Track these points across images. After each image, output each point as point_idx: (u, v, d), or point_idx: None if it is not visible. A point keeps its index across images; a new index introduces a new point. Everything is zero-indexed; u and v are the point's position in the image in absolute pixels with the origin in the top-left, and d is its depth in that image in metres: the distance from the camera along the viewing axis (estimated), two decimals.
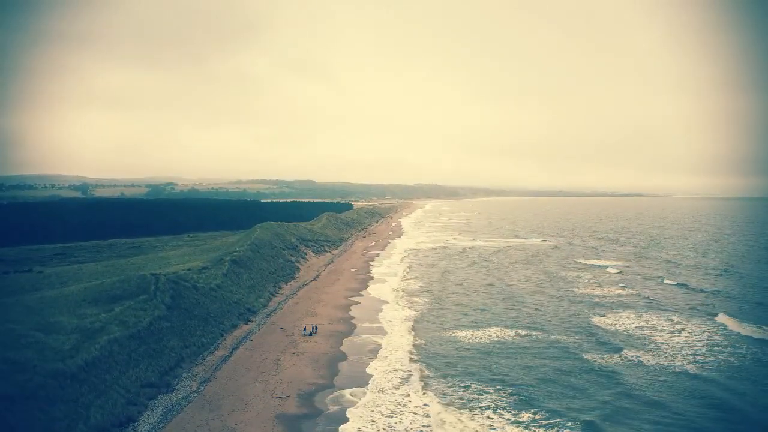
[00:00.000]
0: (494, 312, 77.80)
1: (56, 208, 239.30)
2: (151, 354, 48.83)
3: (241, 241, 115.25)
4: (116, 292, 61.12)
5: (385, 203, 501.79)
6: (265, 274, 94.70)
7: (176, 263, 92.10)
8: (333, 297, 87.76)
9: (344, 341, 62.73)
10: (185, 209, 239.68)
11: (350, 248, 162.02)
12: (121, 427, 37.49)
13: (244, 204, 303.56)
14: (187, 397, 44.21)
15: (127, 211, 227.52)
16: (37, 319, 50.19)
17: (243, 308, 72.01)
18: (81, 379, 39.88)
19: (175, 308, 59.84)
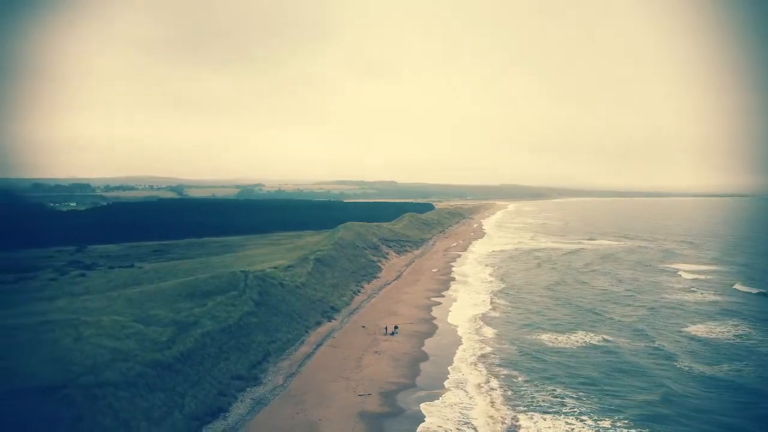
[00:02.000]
0: (578, 316, 75.42)
1: (154, 207, 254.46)
2: (240, 348, 50.95)
3: (324, 241, 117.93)
4: (208, 287, 64.18)
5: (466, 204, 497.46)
6: (348, 273, 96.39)
7: (263, 261, 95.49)
8: (414, 297, 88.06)
9: (426, 341, 62.82)
10: (272, 209, 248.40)
11: (431, 249, 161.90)
12: (213, 416, 39.40)
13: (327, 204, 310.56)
14: (273, 391, 45.80)
15: (218, 211, 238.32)
16: (138, 312, 53.61)
17: (326, 306, 73.65)
18: (177, 370, 42.24)
19: (262, 304, 62.10)
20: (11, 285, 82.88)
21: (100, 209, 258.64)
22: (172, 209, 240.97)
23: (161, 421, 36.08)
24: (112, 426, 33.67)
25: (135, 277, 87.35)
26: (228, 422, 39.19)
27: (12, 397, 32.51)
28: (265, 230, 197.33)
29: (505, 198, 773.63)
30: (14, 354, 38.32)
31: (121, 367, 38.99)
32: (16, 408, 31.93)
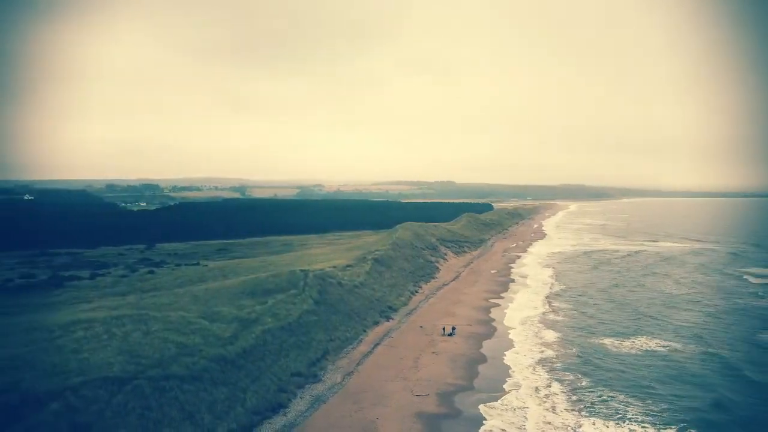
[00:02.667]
0: (639, 320, 72.81)
1: (219, 207, 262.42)
2: (300, 345, 51.92)
3: (382, 241, 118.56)
4: (269, 286, 65.71)
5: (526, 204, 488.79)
6: (406, 273, 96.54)
7: (322, 260, 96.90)
8: (472, 298, 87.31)
9: (484, 343, 62.21)
10: (331, 209, 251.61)
11: (490, 249, 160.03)
12: (274, 412, 40.33)
13: (385, 205, 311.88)
14: (332, 389, 46.45)
15: (279, 210, 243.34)
16: (203, 308, 55.49)
17: (384, 306, 74.03)
18: (239, 365, 43.50)
19: (321, 303, 63.07)
20: (87, 281, 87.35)
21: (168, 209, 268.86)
22: (235, 209, 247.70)
23: (224, 415, 37.24)
24: (178, 418, 35.02)
25: (200, 274, 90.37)
26: (288, 418, 40.02)
27: (86, 387, 34.31)
28: (324, 230, 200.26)
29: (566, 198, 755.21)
30: (89, 346, 40.40)
31: (186, 362, 40.50)
32: (91, 397, 33.68)
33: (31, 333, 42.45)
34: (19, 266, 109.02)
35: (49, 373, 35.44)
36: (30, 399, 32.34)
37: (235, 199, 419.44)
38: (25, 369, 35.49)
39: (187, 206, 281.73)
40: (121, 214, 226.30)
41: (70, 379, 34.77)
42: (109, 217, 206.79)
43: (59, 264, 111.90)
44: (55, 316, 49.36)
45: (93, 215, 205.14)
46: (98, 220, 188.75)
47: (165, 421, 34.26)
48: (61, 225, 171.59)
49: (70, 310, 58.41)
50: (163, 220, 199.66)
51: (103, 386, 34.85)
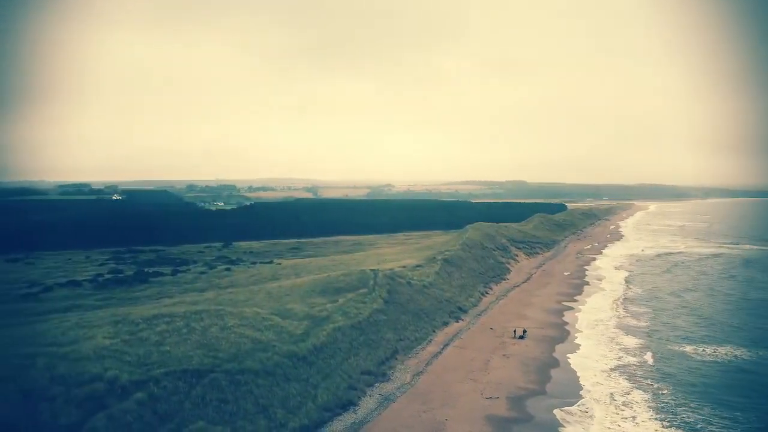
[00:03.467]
0: (722, 328, 68.75)
1: (292, 207, 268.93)
2: (369, 344, 52.36)
3: (452, 241, 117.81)
4: (340, 284, 66.67)
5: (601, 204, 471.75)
6: (476, 273, 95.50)
7: (392, 260, 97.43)
8: (544, 300, 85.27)
9: (556, 347, 60.60)
10: (401, 209, 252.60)
11: (563, 251, 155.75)
12: (344, 409, 40.85)
13: (455, 205, 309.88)
14: (401, 388, 46.56)
15: (350, 210, 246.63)
16: (276, 305, 57.01)
17: (454, 306, 73.53)
18: (310, 362, 44.37)
19: (390, 302, 63.37)
20: (169, 276, 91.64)
21: (243, 209, 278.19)
22: (307, 209, 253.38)
23: (296, 410, 38.07)
24: (253, 411, 36.11)
25: (274, 272, 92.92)
26: (357, 416, 40.44)
27: (167, 378, 35.98)
28: (394, 230, 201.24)
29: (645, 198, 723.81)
30: (170, 339, 42.35)
31: (260, 357, 41.70)
32: (172, 388, 35.28)
33: (117, 325, 44.93)
34: (108, 262, 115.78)
35: (134, 364, 37.41)
36: (116, 388, 34.24)
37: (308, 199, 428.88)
38: (111, 359, 37.61)
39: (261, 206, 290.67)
40: (200, 214, 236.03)
41: (152, 371, 36.57)
42: (189, 216, 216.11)
43: (144, 260, 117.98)
44: (140, 310, 52.04)
45: (174, 214, 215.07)
46: (179, 219, 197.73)
47: (240, 414, 35.42)
48: (146, 223, 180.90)
49: (154, 304, 61.45)
50: (239, 219, 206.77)
51: (183, 378, 36.44)
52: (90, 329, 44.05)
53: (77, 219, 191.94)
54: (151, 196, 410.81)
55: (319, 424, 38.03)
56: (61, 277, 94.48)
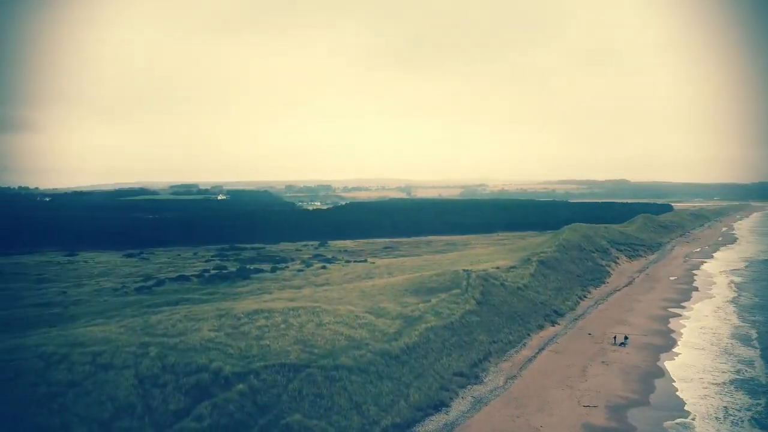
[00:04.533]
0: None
1: (386, 207, 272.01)
2: (462, 345, 52.02)
3: (548, 242, 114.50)
4: (432, 284, 66.70)
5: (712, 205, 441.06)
6: (573, 276, 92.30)
7: (485, 261, 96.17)
8: (648, 306, 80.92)
9: (661, 356, 57.34)
10: (495, 209, 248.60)
11: (669, 254, 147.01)
12: (435, 409, 40.88)
13: (552, 205, 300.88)
14: (493, 391, 45.91)
15: (443, 210, 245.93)
16: (369, 304, 57.95)
17: (549, 310, 71.49)
18: (403, 361, 44.75)
19: (483, 304, 62.61)
20: (269, 273, 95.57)
21: (339, 208, 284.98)
22: (401, 209, 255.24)
23: (389, 408, 38.55)
24: (347, 407, 36.97)
25: (368, 271, 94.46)
26: (449, 417, 40.33)
27: (267, 371, 37.59)
28: (487, 230, 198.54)
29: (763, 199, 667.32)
30: (269, 334, 44.19)
31: (354, 354, 42.58)
32: (271, 382, 36.84)
33: (221, 319, 47.49)
34: (213, 258, 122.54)
35: (236, 357, 39.41)
36: (220, 379, 36.23)
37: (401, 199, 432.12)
38: (215, 351, 39.82)
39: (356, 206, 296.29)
40: (298, 213, 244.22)
41: (253, 363, 38.36)
42: (288, 215, 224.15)
43: (246, 258, 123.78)
44: (242, 305, 54.69)
45: (274, 214, 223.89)
46: (278, 218, 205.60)
47: (335, 409, 36.37)
48: (248, 222, 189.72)
49: (254, 299, 64.35)
50: (334, 218, 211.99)
51: (281, 372, 37.93)
52: (197, 322, 46.86)
53: (186, 218, 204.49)
54: (254, 196, 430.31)
55: (411, 423, 38.30)
56: (172, 272, 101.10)
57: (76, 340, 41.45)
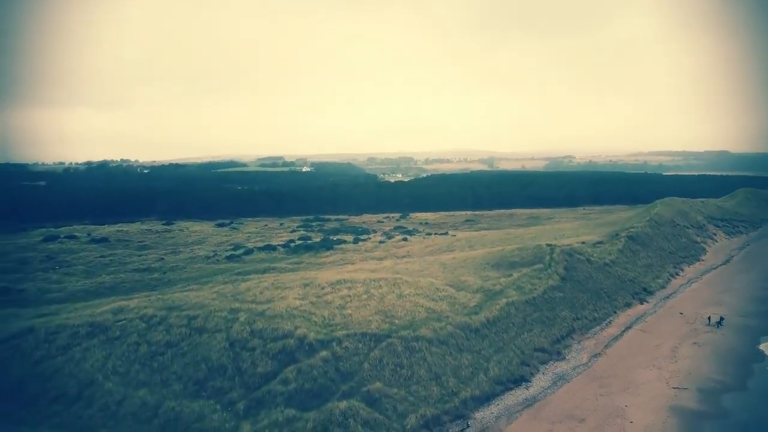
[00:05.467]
0: None
1: (467, 179, 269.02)
2: (544, 321, 51.20)
3: (638, 217, 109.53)
4: (514, 259, 65.73)
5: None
6: (665, 253, 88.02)
7: (570, 236, 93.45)
8: (747, 286, 76.03)
9: (761, 339, 53.97)
10: (581, 182, 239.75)
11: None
12: (515, 384, 40.69)
13: (643, 178, 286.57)
14: (576, 369, 45.04)
15: (527, 183, 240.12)
16: (450, 277, 58.03)
17: (638, 287, 68.77)
18: (483, 335, 44.69)
19: (567, 279, 61.09)
20: (351, 244, 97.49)
21: (420, 180, 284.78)
22: (483, 181, 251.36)
23: (468, 381, 38.78)
24: (426, 377, 37.52)
25: (449, 244, 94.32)
26: (529, 392, 40.05)
27: (349, 339, 38.68)
28: (573, 204, 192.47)
29: None
30: (352, 304, 45.33)
31: (434, 326, 42.97)
32: (353, 350, 37.91)
33: (305, 288, 49.17)
34: (298, 229, 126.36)
35: (320, 324, 40.81)
36: (304, 345, 37.70)
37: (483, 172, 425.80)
38: (300, 319, 41.38)
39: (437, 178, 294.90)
40: (380, 185, 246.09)
41: (335, 332, 39.60)
42: (370, 187, 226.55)
43: (329, 228, 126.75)
44: (325, 275, 56.30)
45: (356, 186, 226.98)
46: (361, 190, 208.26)
47: (414, 379, 37.02)
48: (331, 194, 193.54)
49: (337, 269, 66.04)
50: (415, 190, 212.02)
51: (363, 341, 38.95)
52: (283, 290, 48.78)
53: (273, 189, 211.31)
54: (337, 168, 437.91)
55: (490, 396, 38.38)
56: (260, 241, 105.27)
57: (173, 304, 44.35)
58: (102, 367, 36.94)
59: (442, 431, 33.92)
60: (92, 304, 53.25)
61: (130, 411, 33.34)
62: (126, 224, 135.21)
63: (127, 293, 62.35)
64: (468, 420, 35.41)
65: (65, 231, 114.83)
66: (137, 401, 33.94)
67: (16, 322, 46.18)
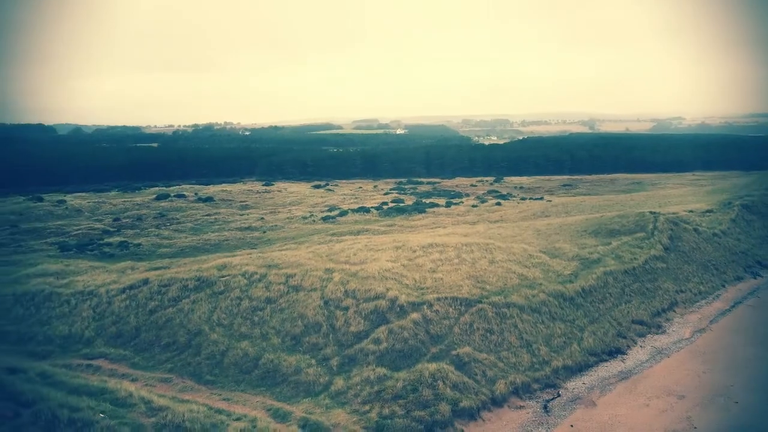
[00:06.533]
0: None
1: (565, 142, 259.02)
2: (644, 292, 49.09)
3: (756, 184, 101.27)
4: (614, 226, 63.08)
5: None
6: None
7: (676, 203, 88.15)
8: None
9: None
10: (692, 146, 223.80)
11: None
12: (610, 356, 39.53)
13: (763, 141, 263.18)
14: (677, 343, 43.00)
15: (630, 146, 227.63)
16: (544, 243, 56.66)
17: (751, 260, 64.05)
18: (577, 304, 43.57)
19: (672, 250, 57.97)
20: (443, 208, 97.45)
21: (516, 143, 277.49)
22: (582, 144, 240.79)
23: (560, 350, 38.14)
24: (517, 344, 37.28)
25: (544, 209, 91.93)
26: (625, 365, 38.81)
27: (439, 303, 39.03)
28: (681, 169, 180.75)
29: None
30: (443, 268, 45.51)
31: (526, 293, 42.36)
32: (443, 313, 38.27)
33: (397, 250, 49.86)
34: (391, 191, 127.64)
35: (411, 287, 41.39)
36: (395, 307, 38.45)
37: (583, 134, 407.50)
38: (392, 281, 42.13)
39: (534, 141, 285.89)
40: (473, 148, 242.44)
41: (426, 295, 40.03)
42: (463, 150, 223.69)
43: (422, 191, 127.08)
44: (417, 238, 56.77)
45: (449, 148, 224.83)
46: (454, 153, 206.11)
47: (504, 345, 36.90)
48: (424, 156, 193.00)
49: (429, 233, 66.36)
50: (510, 153, 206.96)
51: (453, 305, 39.16)
52: (375, 252, 49.77)
53: (367, 151, 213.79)
54: (430, 131, 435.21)
55: (583, 367, 37.57)
56: (354, 203, 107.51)
57: (272, 262, 46.52)
58: (208, 319, 39.63)
59: (532, 398, 33.74)
60: (199, 260, 56.99)
61: (233, 361, 35.69)
62: (229, 184, 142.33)
63: (230, 250, 66.09)
64: (559, 389, 34.97)
65: (175, 190, 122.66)
66: (239, 352, 36.23)
67: (132, 274, 50.38)
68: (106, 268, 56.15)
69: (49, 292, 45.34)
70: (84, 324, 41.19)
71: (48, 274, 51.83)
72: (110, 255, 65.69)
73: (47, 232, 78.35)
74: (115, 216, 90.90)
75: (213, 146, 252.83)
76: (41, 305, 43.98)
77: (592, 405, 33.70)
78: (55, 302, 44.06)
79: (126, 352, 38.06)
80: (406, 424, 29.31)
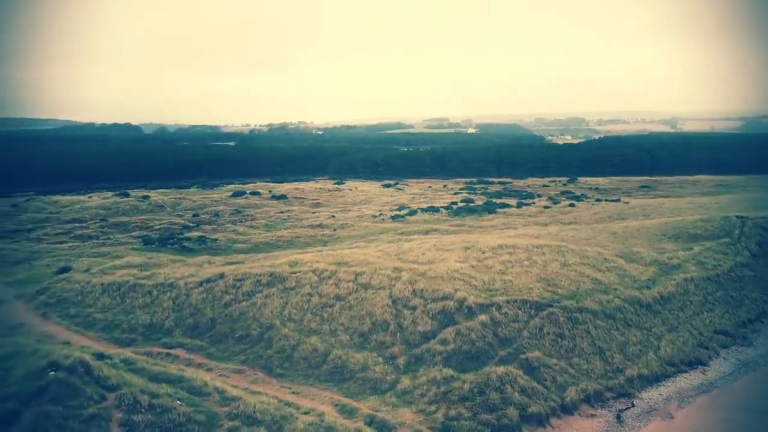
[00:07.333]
0: None
1: (644, 141, 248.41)
2: (728, 301, 46.48)
3: None
4: (696, 231, 60.09)
5: None
6: None
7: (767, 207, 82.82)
8: None
9: None
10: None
11: None
12: (690, 367, 37.66)
13: None
14: (765, 356, 40.44)
15: (716, 146, 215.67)
16: (620, 247, 54.67)
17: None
18: (655, 311, 41.78)
19: (761, 257, 54.60)
20: (514, 208, 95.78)
21: (591, 142, 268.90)
22: (663, 143, 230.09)
23: (635, 359, 36.69)
24: (589, 351, 36.16)
25: (620, 211, 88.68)
26: (706, 377, 36.86)
27: (508, 305, 38.39)
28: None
29: None
30: (512, 270, 44.73)
31: (600, 298, 41.00)
32: (512, 316, 37.64)
33: (466, 251, 49.46)
34: (461, 191, 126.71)
35: (479, 288, 40.94)
36: (463, 308, 38.14)
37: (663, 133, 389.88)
38: (460, 281, 41.81)
39: (611, 140, 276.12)
40: (547, 147, 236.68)
41: (495, 297, 39.48)
42: (536, 149, 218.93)
43: (492, 192, 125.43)
44: (487, 239, 56.06)
45: (521, 147, 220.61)
46: (526, 152, 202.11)
47: (576, 351, 35.88)
48: (496, 156, 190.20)
49: (499, 234, 65.42)
50: (585, 153, 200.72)
51: (523, 308, 38.42)
52: (444, 252, 49.56)
53: (437, 151, 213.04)
54: (502, 130, 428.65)
55: (659, 377, 35.96)
56: (423, 202, 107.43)
57: (342, 259, 47.23)
58: (280, 314, 40.71)
59: (604, 407, 32.64)
60: (272, 256, 58.66)
61: (303, 356, 36.49)
62: (302, 182, 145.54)
63: (301, 247, 67.62)
64: (633, 399, 33.64)
65: (250, 187, 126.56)
66: (309, 347, 37.01)
67: (209, 268, 52.46)
68: (185, 261, 58.79)
69: (133, 284, 47.94)
70: (164, 314, 43.27)
71: (132, 266, 54.84)
72: (189, 249, 68.64)
73: (132, 226, 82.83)
74: (194, 212, 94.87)
75: (287, 145, 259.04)
76: (126, 295, 46.59)
77: (669, 417, 32.23)
78: (138, 293, 46.54)
79: (202, 343, 39.69)
80: (473, 426, 29.05)
